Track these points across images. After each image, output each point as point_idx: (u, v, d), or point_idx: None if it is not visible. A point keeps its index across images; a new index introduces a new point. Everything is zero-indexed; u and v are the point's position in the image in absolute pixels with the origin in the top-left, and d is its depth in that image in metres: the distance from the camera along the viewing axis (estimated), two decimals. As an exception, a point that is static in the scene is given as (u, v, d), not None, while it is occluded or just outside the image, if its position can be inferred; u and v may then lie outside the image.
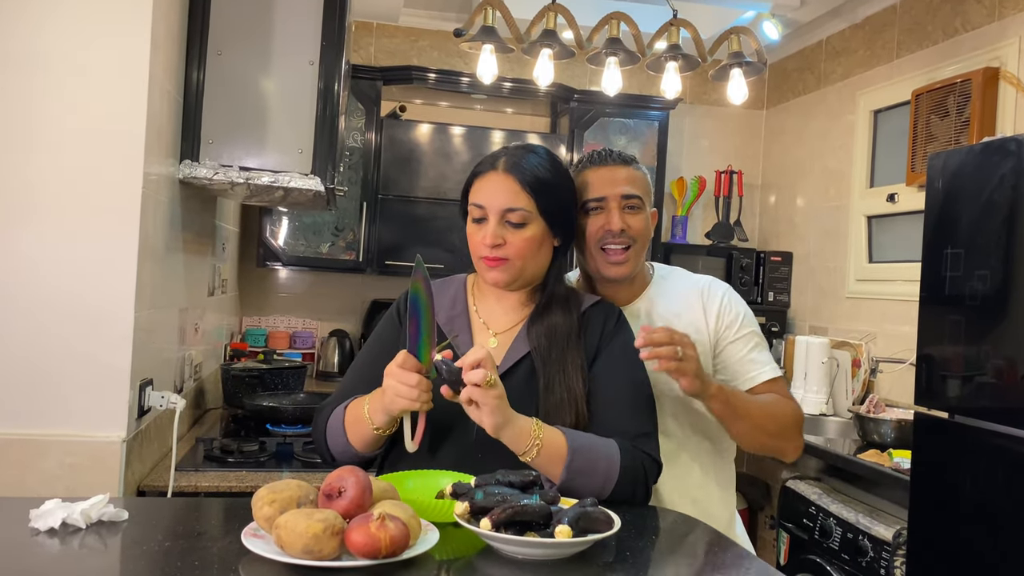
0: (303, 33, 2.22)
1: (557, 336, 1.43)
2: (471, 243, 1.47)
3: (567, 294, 1.51)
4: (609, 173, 1.62)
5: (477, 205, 1.45)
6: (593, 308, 1.51)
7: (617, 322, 1.51)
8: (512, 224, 1.42)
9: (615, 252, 1.60)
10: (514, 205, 1.42)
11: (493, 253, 1.42)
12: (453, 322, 1.49)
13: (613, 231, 1.59)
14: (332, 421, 1.45)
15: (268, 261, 3.74)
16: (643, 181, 1.65)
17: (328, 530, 0.99)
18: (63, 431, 1.76)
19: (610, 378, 1.44)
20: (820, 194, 3.95)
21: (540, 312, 1.47)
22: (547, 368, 1.41)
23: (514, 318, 1.49)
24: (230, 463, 2.16)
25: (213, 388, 3.02)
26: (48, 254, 1.76)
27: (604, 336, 1.48)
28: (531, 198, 1.43)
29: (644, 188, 1.64)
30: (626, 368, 1.45)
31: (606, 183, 1.61)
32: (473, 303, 1.53)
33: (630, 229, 1.60)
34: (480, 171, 1.48)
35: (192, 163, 2.14)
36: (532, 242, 1.43)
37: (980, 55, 2.94)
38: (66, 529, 1.10)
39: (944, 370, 2.20)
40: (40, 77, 1.76)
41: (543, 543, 1.06)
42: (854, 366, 3.39)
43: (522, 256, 1.43)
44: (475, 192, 1.46)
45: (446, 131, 3.86)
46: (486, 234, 1.42)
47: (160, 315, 2.07)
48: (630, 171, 1.63)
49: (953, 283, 2.17)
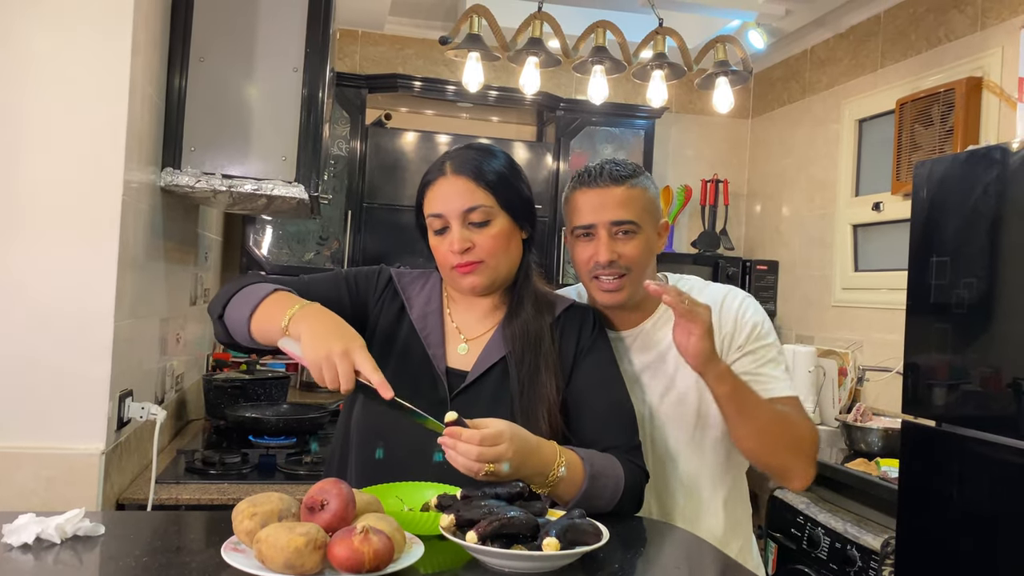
0: (287, 40, 2.20)
1: (531, 340, 1.39)
2: (438, 256, 1.40)
3: (539, 296, 1.46)
4: (598, 196, 1.50)
5: (435, 215, 1.38)
6: (568, 312, 1.47)
7: (594, 330, 1.46)
8: (475, 224, 1.36)
9: (607, 281, 1.50)
10: (473, 204, 1.36)
11: (464, 259, 1.37)
12: (426, 319, 1.44)
13: (600, 263, 1.49)
14: (252, 288, 1.34)
15: (251, 270, 3.70)
16: (640, 200, 1.51)
17: (310, 544, 0.97)
18: (39, 443, 1.72)
19: (598, 391, 1.41)
20: (806, 203, 3.96)
21: (513, 314, 1.42)
22: (521, 372, 1.37)
23: (486, 324, 1.44)
24: (212, 475, 2.12)
25: (195, 399, 2.98)
26: (26, 262, 1.72)
27: (582, 345, 1.44)
28: (488, 193, 1.37)
29: (641, 208, 1.50)
30: (609, 377, 1.43)
31: (595, 208, 1.50)
32: (447, 305, 1.48)
33: (621, 258, 1.49)
34: (429, 180, 1.41)
35: (174, 170, 2.11)
36: (500, 238, 1.38)
37: (963, 64, 2.96)
38: (40, 544, 1.07)
39: (931, 378, 2.20)
40: (18, 83, 1.73)
41: (530, 556, 1.04)
42: (841, 375, 3.38)
43: (494, 255, 1.38)
44: (429, 202, 1.40)
45: (432, 139, 3.84)
46: (452, 240, 1.36)
47: (141, 325, 2.03)
48: (623, 191, 1.49)
49: (939, 291, 2.17)
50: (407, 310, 1.45)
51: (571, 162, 3.97)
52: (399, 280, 1.49)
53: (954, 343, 2.13)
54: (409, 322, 1.44)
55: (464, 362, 1.41)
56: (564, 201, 1.59)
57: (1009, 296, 1.98)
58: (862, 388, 3.34)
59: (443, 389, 1.38)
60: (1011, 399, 1.94)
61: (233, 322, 1.34)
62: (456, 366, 1.40)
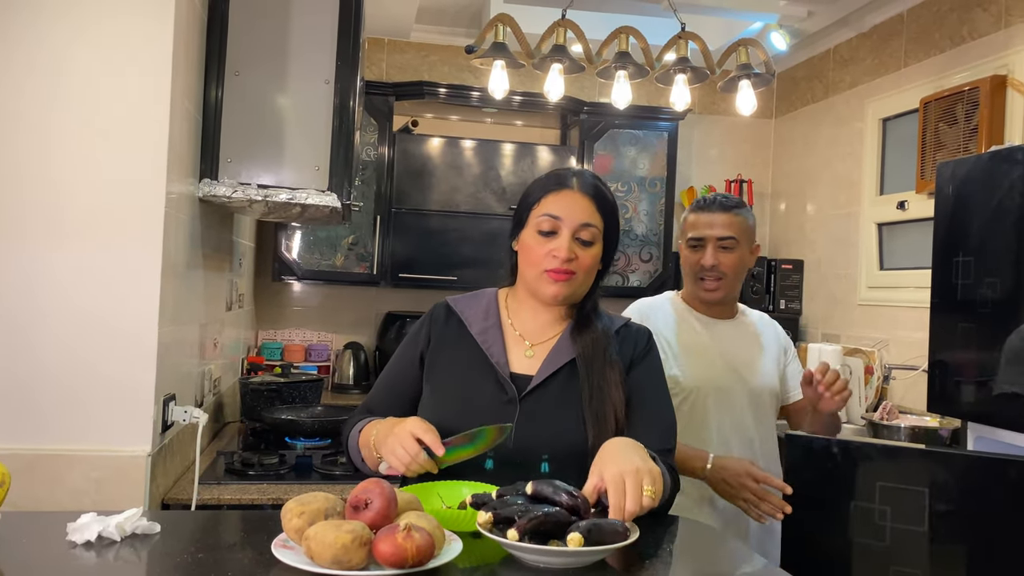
0: (318, 52, 2.26)
1: (599, 347, 1.47)
2: (532, 255, 1.48)
3: (602, 313, 1.56)
4: (709, 218, 1.98)
5: (552, 216, 1.46)
6: (625, 328, 1.56)
7: (647, 344, 1.56)
8: (582, 241, 1.46)
9: (709, 282, 1.98)
10: (590, 222, 1.47)
11: (565, 266, 1.45)
12: (487, 333, 1.51)
13: (705, 266, 1.96)
14: (352, 438, 1.50)
15: (283, 275, 3.79)
16: (740, 225, 1.97)
17: (356, 540, 1.02)
18: (89, 446, 1.80)
19: (642, 394, 1.49)
20: (830, 202, 3.97)
21: (582, 324, 1.51)
22: (592, 375, 1.45)
23: (550, 331, 1.52)
24: (251, 476, 2.19)
25: (231, 402, 3.06)
26: (74, 272, 1.80)
27: (636, 354, 1.53)
28: (602, 219, 1.49)
29: (740, 230, 1.97)
30: (655, 386, 1.52)
31: (705, 226, 1.98)
32: (507, 316, 1.55)
33: (721, 264, 1.96)
34: (551, 187, 1.50)
35: (211, 181, 2.18)
36: (595, 260, 1.49)
37: (987, 63, 2.96)
38: (101, 542, 1.14)
39: (957, 376, 2.22)
40: (65, 98, 1.81)
41: (564, 552, 1.09)
42: (867, 373, 3.39)
43: (587, 273, 1.48)
44: (548, 204, 1.48)
45: (457, 145, 3.90)
46: (559, 247, 1.45)
47: (182, 331, 2.11)
48: (728, 217, 1.97)
49: (964, 290, 2.19)
50: (467, 327, 1.52)
51: (595, 165, 4.00)
52: (455, 304, 1.57)
53: (979, 342, 2.14)
54: (471, 337, 1.51)
55: (529, 366, 1.48)
56: (683, 221, 2.07)
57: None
58: (888, 386, 3.34)
59: (511, 390, 1.44)
60: (1036, 397, 1.96)
61: (365, 468, 1.47)
62: (521, 371, 1.47)
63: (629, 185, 4.07)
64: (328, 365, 4.01)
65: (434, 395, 1.49)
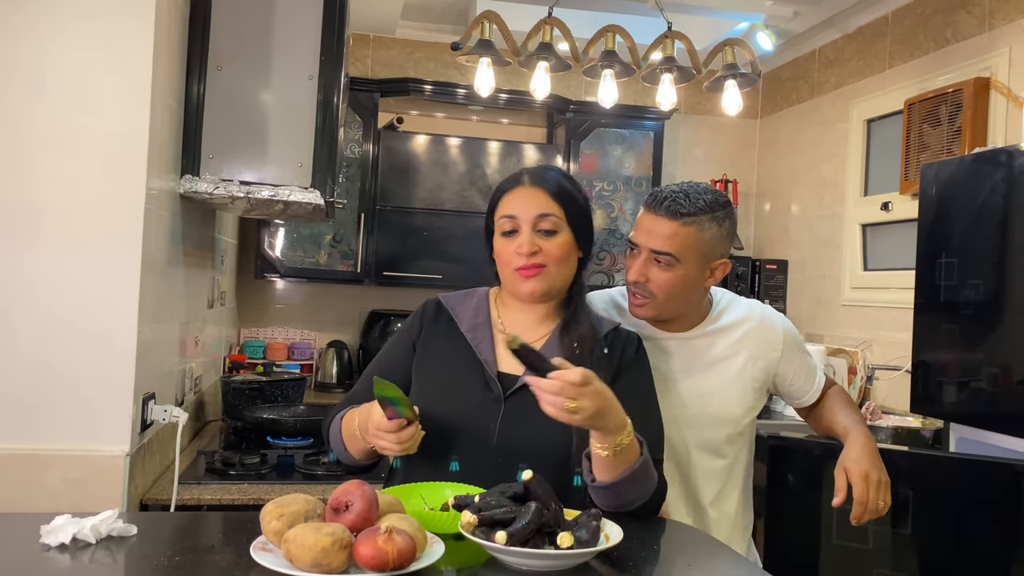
0: (302, 48, 2.24)
1: (587, 346, 1.46)
2: (502, 257, 1.49)
3: (591, 312, 1.54)
4: (652, 224, 1.61)
5: (508, 216, 1.47)
6: (615, 332, 1.54)
7: (637, 350, 1.54)
8: (544, 232, 1.45)
9: (635, 297, 1.64)
10: (546, 211, 1.46)
11: (530, 260, 1.44)
12: (476, 330, 1.50)
13: (630, 280, 1.63)
14: (333, 427, 1.50)
15: (266, 273, 3.75)
16: (688, 239, 1.58)
17: (337, 543, 1.01)
18: (66, 445, 1.77)
19: (631, 403, 1.45)
20: (814, 202, 3.98)
21: (570, 322, 1.49)
22: None
23: (540, 331, 1.51)
24: (232, 476, 2.16)
25: (213, 400, 3.03)
26: (52, 269, 1.77)
27: (625, 360, 1.51)
28: (559, 206, 1.47)
29: (686, 245, 1.58)
30: (645, 394, 1.50)
31: (644, 231, 1.62)
32: (497, 315, 1.54)
33: (650, 283, 1.60)
34: (506, 188, 1.52)
35: (193, 178, 2.15)
36: (564, 248, 1.47)
37: (971, 65, 2.97)
38: (76, 544, 1.12)
39: (940, 377, 2.22)
40: (44, 93, 1.77)
41: (548, 555, 1.08)
42: (850, 373, 3.41)
43: (557, 262, 1.46)
44: (504, 206, 1.49)
45: (443, 142, 3.88)
46: (521, 243, 1.45)
47: (162, 329, 2.08)
48: (673, 227, 1.58)
49: (947, 291, 2.19)
50: (457, 323, 1.52)
51: (581, 163, 4.00)
52: (446, 301, 1.57)
53: (962, 342, 2.15)
54: (460, 334, 1.50)
55: (517, 366, 1.44)
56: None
57: (1016, 296, 2.01)
58: (872, 387, 3.36)
59: (497, 389, 1.44)
60: (1019, 397, 1.97)
61: (346, 459, 1.50)
62: (508, 370, 1.46)
63: (615, 184, 4.07)
64: (311, 364, 3.98)
65: (421, 388, 1.48)
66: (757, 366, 1.69)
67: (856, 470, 1.55)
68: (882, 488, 1.55)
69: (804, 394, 1.77)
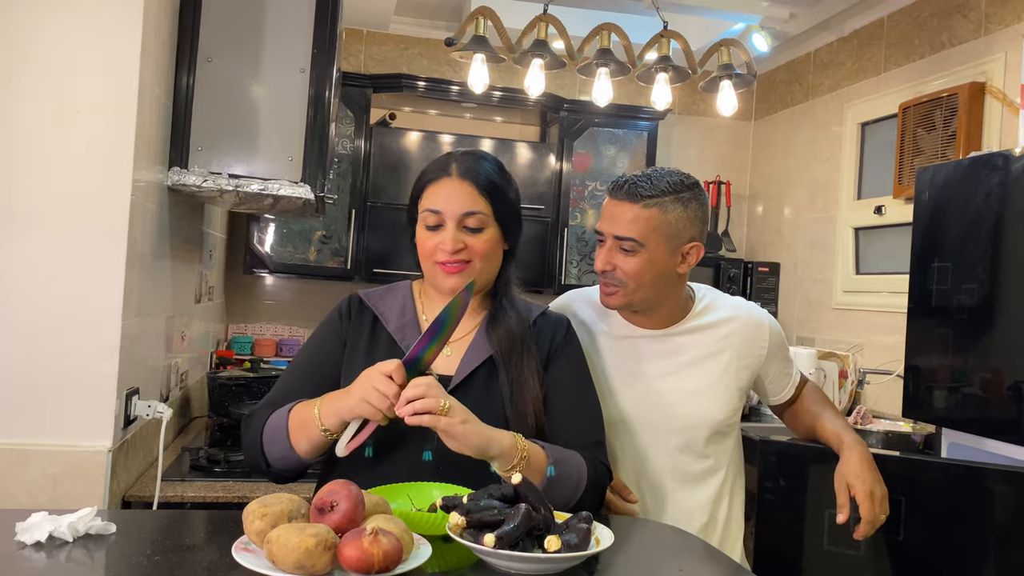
0: (294, 40, 2.21)
1: (516, 341, 1.42)
2: (423, 249, 1.44)
3: (517, 301, 1.50)
4: (615, 209, 1.57)
5: (433, 211, 1.42)
6: (542, 317, 1.51)
7: (567, 333, 1.51)
8: (470, 229, 1.41)
9: (606, 286, 1.60)
10: (472, 209, 1.41)
11: (454, 258, 1.40)
12: (404, 330, 1.45)
13: (597, 269, 1.60)
14: (272, 423, 1.38)
15: (255, 268, 3.72)
16: (652, 221, 1.54)
17: (320, 545, 0.98)
18: (47, 440, 1.73)
19: (565, 388, 1.45)
20: (807, 205, 3.97)
21: (497, 317, 1.45)
22: (510, 372, 1.40)
23: (467, 325, 1.46)
24: (217, 473, 2.13)
25: (199, 396, 3.00)
26: (34, 260, 1.74)
27: (555, 345, 1.48)
28: (487, 202, 1.42)
29: (650, 228, 1.54)
30: (578, 378, 1.47)
31: (607, 218, 1.58)
32: (422, 311, 1.49)
33: (617, 271, 1.57)
34: (432, 177, 1.45)
35: (181, 170, 2.12)
36: (490, 244, 1.43)
37: (966, 69, 2.97)
38: (52, 542, 1.09)
39: (931, 382, 2.22)
40: (28, 82, 1.74)
41: (537, 558, 1.05)
42: (841, 377, 3.40)
43: (482, 258, 1.42)
44: (428, 198, 1.43)
45: (435, 139, 3.85)
46: (445, 240, 1.40)
47: (147, 323, 2.05)
48: (634, 210, 1.54)
49: (940, 296, 2.18)
50: (383, 323, 1.46)
51: (574, 163, 3.98)
52: (368, 299, 1.51)
53: (955, 347, 2.14)
54: (387, 335, 1.45)
55: (448, 365, 1.42)
56: None
57: (1010, 301, 2.00)
58: (862, 391, 3.35)
59: None
60: (1011, 403, 1.96)
61: (282, 460, 1.37)
62: (440, 371, 1.38)
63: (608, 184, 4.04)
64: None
65: None
66: (742, 365, 1.65)
67: (861, 488, 1.53)
68: (884, 501, 1.54)
69: (781, 390, 1.74)
